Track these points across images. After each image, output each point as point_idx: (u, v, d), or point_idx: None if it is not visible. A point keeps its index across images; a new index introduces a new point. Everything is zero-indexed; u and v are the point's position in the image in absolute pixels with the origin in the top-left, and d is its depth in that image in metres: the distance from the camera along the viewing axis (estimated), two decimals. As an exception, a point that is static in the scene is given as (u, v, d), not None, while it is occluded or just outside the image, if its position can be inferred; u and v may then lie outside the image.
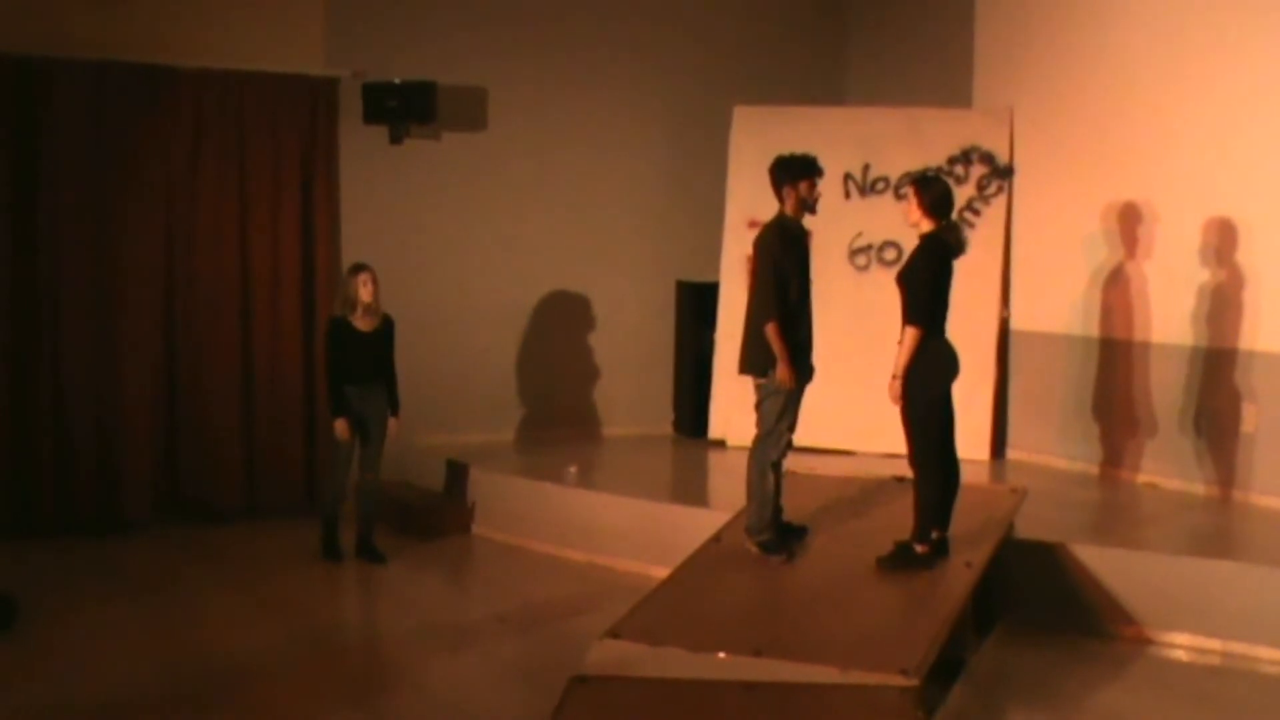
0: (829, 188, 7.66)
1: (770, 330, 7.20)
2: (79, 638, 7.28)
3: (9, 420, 9.20)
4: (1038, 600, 7.62)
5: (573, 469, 9.58)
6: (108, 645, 7.16)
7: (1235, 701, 6.65)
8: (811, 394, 7.47)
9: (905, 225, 7.43)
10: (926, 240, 7.09)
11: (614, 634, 6.21)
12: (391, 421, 8.79)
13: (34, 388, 9.23)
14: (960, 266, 7.20)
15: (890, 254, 10.18)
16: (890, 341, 7.19)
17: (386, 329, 8.77)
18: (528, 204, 10.92)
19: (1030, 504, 8.14)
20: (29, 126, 9.17)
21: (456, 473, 9.83)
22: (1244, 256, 8.74)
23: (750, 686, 5.77)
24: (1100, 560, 7.54)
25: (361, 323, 8.65)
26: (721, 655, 6.03)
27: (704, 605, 6.80)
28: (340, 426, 8.61)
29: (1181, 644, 7.28)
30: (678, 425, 11.28)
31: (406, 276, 9.99)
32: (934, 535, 7.14)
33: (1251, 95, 8.64)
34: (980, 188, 10.29)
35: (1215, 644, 7.21)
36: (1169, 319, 9.17)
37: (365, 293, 8.61)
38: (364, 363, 8.66)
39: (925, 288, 7.00)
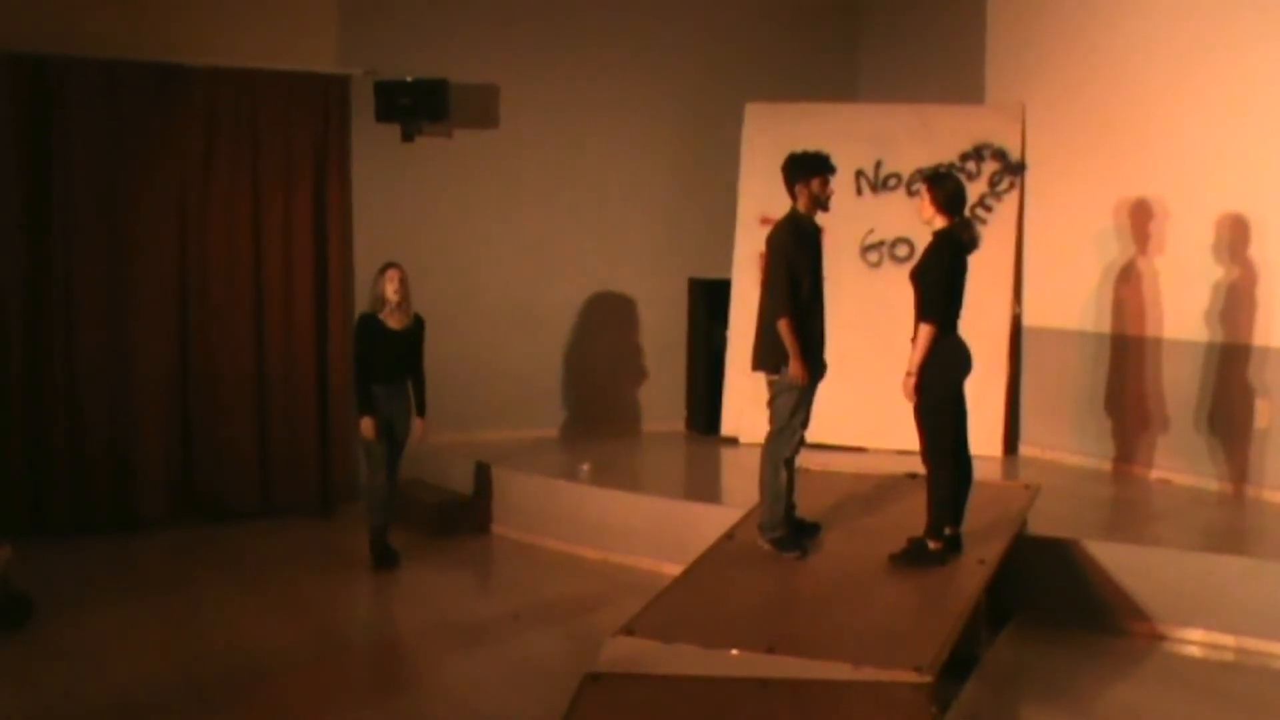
0: (841, 184, 7.66)
1: (783, 327, 7.19)
2: (93, 636, 7.30)
3: (24, 419, 9.23)
4: (1051, 597, 7.62)
5: (586, 467, 9.59)
6: (122, 644, 7.19)
7: (1249, 697, 6.64)
8: (824, 391, 7.47)
9: (917, 222, 7.42)
10: (940, 237, 7.08)
11: (627, 631, 6.22)
12: (418, 422, 8.68)
13: (49, 387, 9.26)
14: (972, 263, 7.19)
15: (902, 250, 10.19)
16: (903, 338, 7.19)
17: (417, 328, 8.69)
18: (539, 201, 10.93)
19: (1043, 500, 8.13)
20: (42, 126, 9.20)
21: (469, 471, 9.83)
22: (1257, 252, 8.72)
23: (763, 683, 5.78)
24: (1113, 556, 7.54)
25: (391, 320, 8.56)
26: (734, 652, 6.03)
27: (717, 602, 6.80)
28: (367, 425, 8.48)
29: (1195, 640, 7.28)
30: (690, 422, 11.29)
31: (418, 274, 9.92)
32: (947, 532, 7.14)
33: (1264, 91, 8.61)
34: (992, 184, 10.28)
35: (1229, 640, 7.20)
36: (1181, 315, 9.16)
37: (391, 290, 8.53)
38: (392, 362, 8.57)
39: (939, 284, 6.99)
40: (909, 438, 7.38)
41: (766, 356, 7.35)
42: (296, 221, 9.93)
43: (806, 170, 7.32)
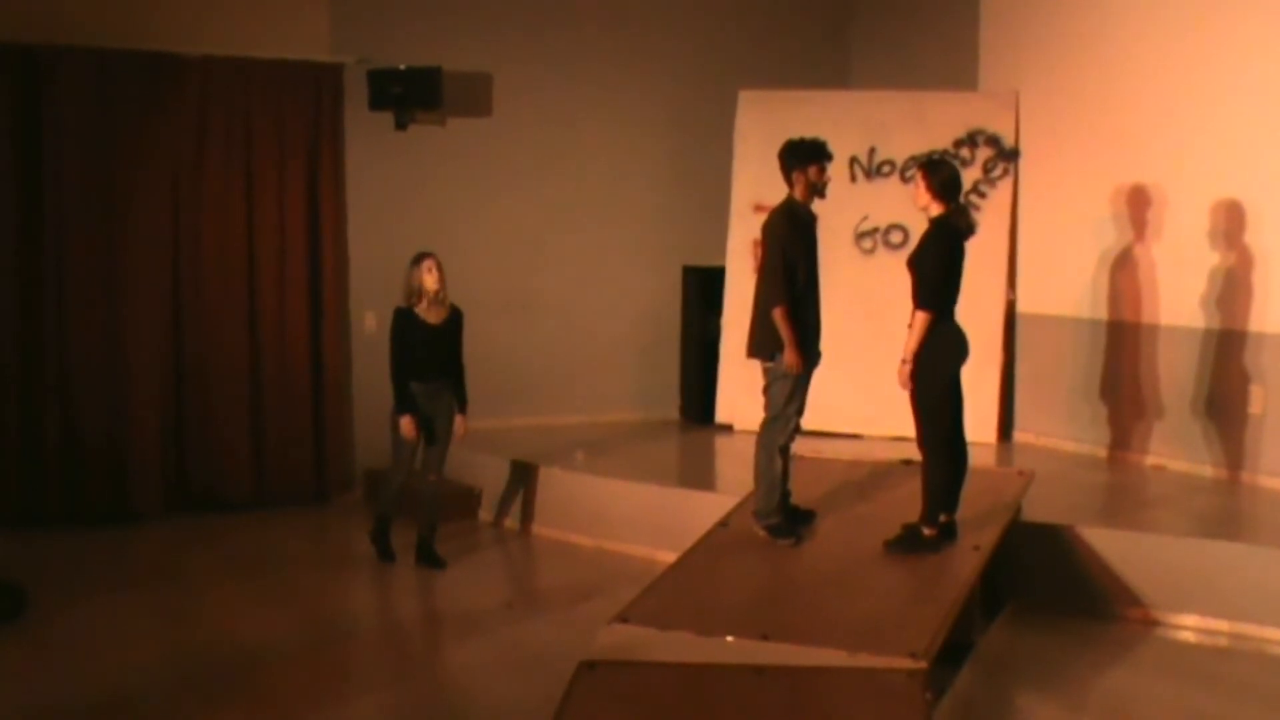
0: (834, 171, 7.64)
1: (778, 315, 7.18)
2: (88, 628, 7.30)
3: (17, 411, 9.22)
4: (1045, 583, 7.63)
5: (580, 454, 9.58)
6: (116, 635, 7.19)
7: (1243, 682, 6.64)
8: (819, 378, 7.46)
9: (911, 208, 7.41)
10: (937, 224, 7.05)
11: (622, 619, 6.21)
12: (458, 420, 8.41)
13: (41, 379, 9.24)
14: (967, 250, 7.17)
15: (896, 237, 10.18)
16: (897, 324, 7.18)
17: (455, 321, 8.36)
18: (532, 189, 10.91)
19: (1038, 487, 8.13)
20: (32, 117, 9.17)
21: (462, 459, 9.81)
22: (1252, 238, 8.72)
23: (758, 670, 5.78)
24: (1108, 542, 7.54)
25: (429, 315, 8.23)
26: (729, 639, 6.03)
27: (712, 589, 6.81)
28: (407, 424, 8.19)
29: (1189, 625, 7.29)
30: (684, 410, 11.28)
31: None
32: (942, 518, 7.13)
33: (1259, 77, 8.60)
34: (986, 170, 10.27)
35: (1223, 625, 7.21)
36: (1176, 301, 9.15)
37: (431, 280, 8.18)
38: (431, 358, 8.24)
39: (937, 271, 6.97)
40: (904, 424, 7.38)
41: (762, 344, 7.35)
42: (290, 210, 9.91)
43: (804, 157, 7.31)
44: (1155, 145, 9.28)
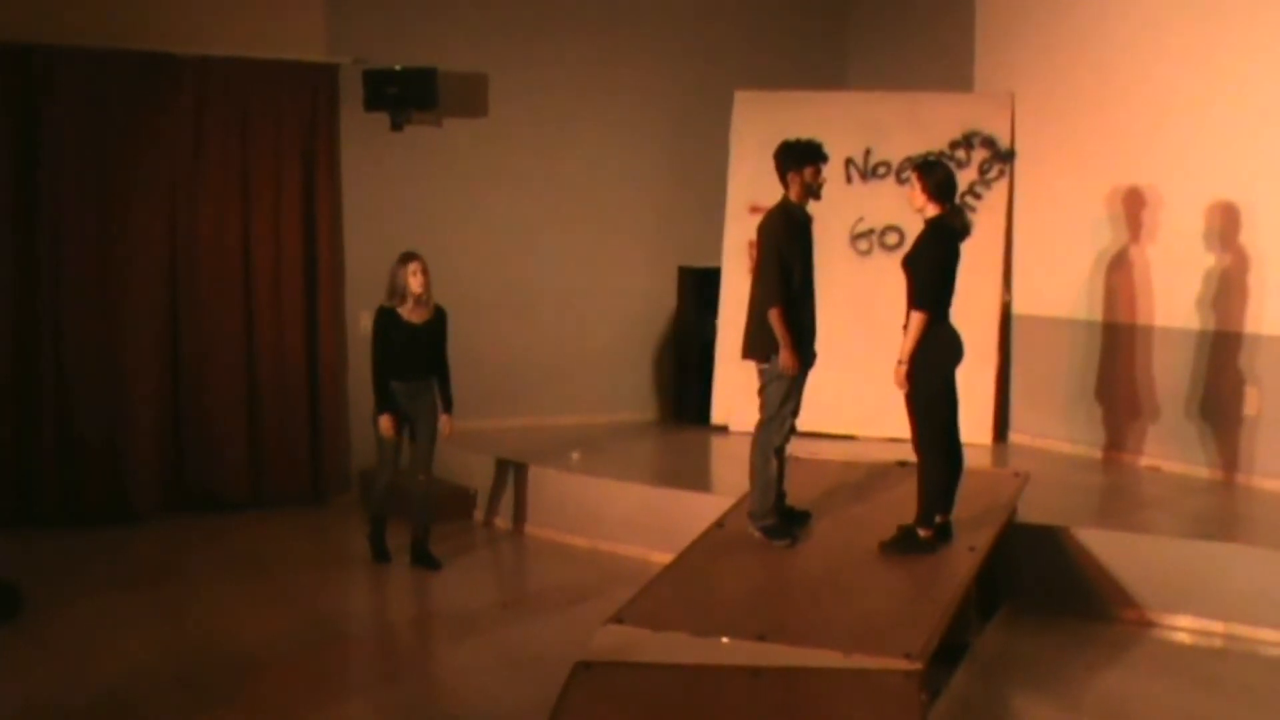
0: (830, 172, 7.65)
1: (774, 316, 7.19)
2: (84, 627, 7.28)
3: (13, 410, 9.21)
4: (1041, 584, 7.63)
5: (575, 455, 9.58)
6: (113, 635, 7.17)
7: (1238, 683, 6.66)
8: (814, 379, 7.46)
9: (907, 209, 7.43)
10: (933, 225, 7.06)
11: (617, 619, 6.21)
12: (444, 419, 8.42)
13: (38, 378, 9.23)
14: (962, 251, 7.18)
15: (892, 239, 10.18)
16: (893, 326, 7.19)
17: (438, 322, 8.39)
18: (528, 190, 10.91)
19: (1033, 488, 8.14)
20: (30, 116, 9.15)
21: (456, 459, 9.81)
22: (1247, 240, 8.73)
23: (754, 671, 5.78)
24: (1103, 543, 7.55)
25: (412, 315, 8.26)
26: (725, 640, 6.03)
27: (707, 590, 6.81)
28: (385, 423, 8.23)
29: (1184, 626, 7.30)
30: (680, 411, 11.28)
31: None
32: (937, 519, 7.14)
33: (1256, 79, 8.61)
34: (982, 172, 10.27)
35: (1218, 626, 7.22)
36: (1172, 303, 9.16)
37: (415, 283, 8.21)
38: (413, 357, 8.28)
39: (932, 272, 6.98)
40: (899, 425, 7.39)
41: (757, 345, 7.35)
42: (286, 211, 9.90)
43: (800, 159, 7.32)
44: (1151, 146, 9.29)
